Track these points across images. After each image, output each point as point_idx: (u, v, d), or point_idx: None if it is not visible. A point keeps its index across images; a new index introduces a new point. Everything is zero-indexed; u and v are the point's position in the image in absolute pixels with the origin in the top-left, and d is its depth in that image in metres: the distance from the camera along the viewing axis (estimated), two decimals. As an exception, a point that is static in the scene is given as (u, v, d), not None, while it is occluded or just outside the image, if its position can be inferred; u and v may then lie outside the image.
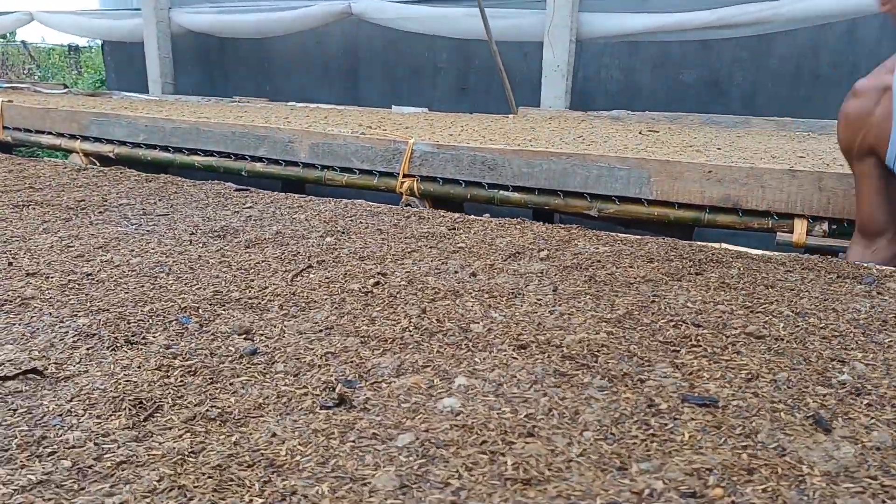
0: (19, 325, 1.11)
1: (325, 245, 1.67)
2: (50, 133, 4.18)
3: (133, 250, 1.58)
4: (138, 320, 1.13)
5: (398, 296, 1.29)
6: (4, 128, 4.38)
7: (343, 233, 1.81)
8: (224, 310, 1.20)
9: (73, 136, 4.07)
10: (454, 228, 1.88)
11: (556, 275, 1.45)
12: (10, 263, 1.44)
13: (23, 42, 13.74)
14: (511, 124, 4.15)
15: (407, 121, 4.24)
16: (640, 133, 3.86)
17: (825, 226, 2.30)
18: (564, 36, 4.75)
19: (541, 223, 1.99)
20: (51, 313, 1.16)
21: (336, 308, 1.21)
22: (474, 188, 2.92)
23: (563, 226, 1.94)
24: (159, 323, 1.13)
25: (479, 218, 2.04)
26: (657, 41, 5.17)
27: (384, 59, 6.53)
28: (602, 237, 1.83)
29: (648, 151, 2.86)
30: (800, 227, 2.31)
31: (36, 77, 12.56)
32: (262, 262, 1.51)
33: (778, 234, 2.36)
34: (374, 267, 1.48)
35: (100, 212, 1.98)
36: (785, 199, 2.34)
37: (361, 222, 1.95)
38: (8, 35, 13.14)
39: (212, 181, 2.57)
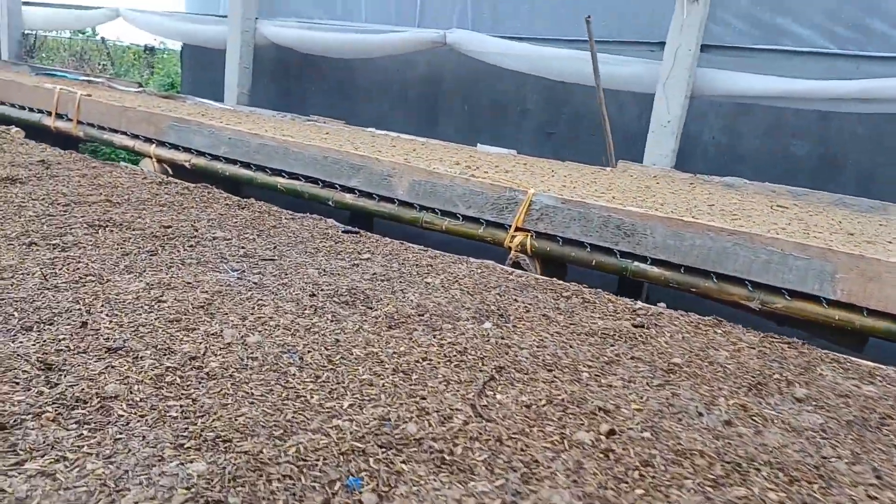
0: (95, 452, 0.69)
1: (491, 337, 1.23)
2: (125, 133, 3.87)
3: (245, 318, 1.15)
4: (282, 476, 0.70)
5: (655, 464, 0.83)
6: (79, 122, 4.10)
7: (501, 316, 1.37)
8: (405, 461, 0.76)
9: (148, 140, 3.75)
10: (640, 325, 1.42)
11: (846, 437, 0.98)
12: (85, 324, 1.03)
13: (102, 38, 13.88)
14: (619, 180, 3.71)
15: (499, 162, 3.83)
16: (772, 208, 3.39)
17: None
18: (680, 90, 4.31)
19: (744, 328, 1.52)
20: (144, 436, 0.74)
21: (576, 484, 0.76)
22: (602, 254, 2.46)
23: (780, 337, 1.48)
24: (316, 486, 0.69)
25: (661, 310, 1.58)
26: (770, 107, 4.71)
27: (468, 94, 6.19)
28: (846, 364, 1.36)
29: (812, 237, 2.38)
30: None
31: (110, 73, 12.64)
32: (423, 360, 1.07)
33: None
34: (577, 388, 1.03)
35: (191, 245, 1.58)
36: None
37: (515, 300, 1.50)
38: (90, 30, 13.29)
39: (312, 216, 2.17)
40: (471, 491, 0.70)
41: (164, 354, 0.96)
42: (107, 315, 1.08)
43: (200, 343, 1.01)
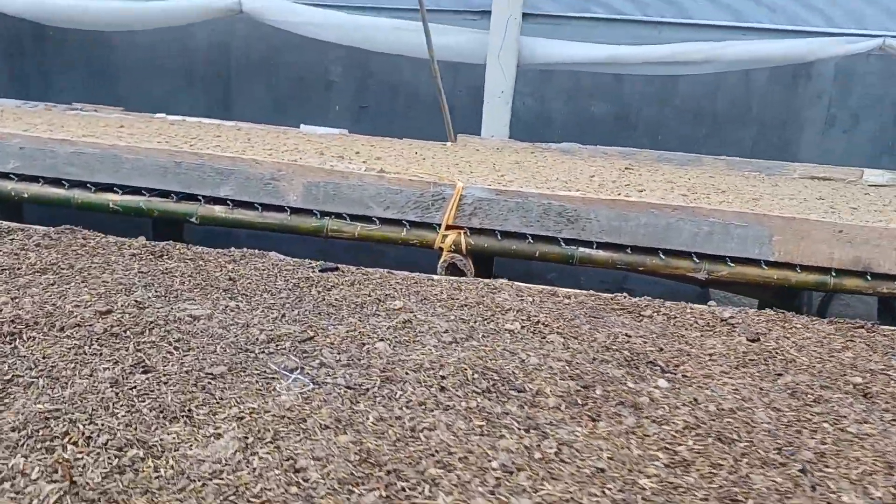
0: None
1: (681, 395, 0.98)
2: None
3: (420, 462, 0.74)
4: None
5: None
6: None
7: (651, 363, 1.12)
8: None
9: None
10: (754, 340, 1.29)
11: None
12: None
13: None
14: (464, 154, 3.58)
15: (329, 143, 3.43)
16: (625, 169, 3.56)
17: None
18: (513, 59, 4.29)
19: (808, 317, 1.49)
20: None
21: None
22: (546, 244, 2.31)
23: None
24: None
25: (736, 311, 1.47)
26: (568, 71, 4.97)
27: (266, 68, 5.50)
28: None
29: (689, 198, 2.50)
30: None
31: None
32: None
33: None
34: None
35: (184, 342, 1.02)
36: (921, 263, 2.14)
37: (616, 333, 1.26)
38: None
39: (249, 251, 1.64)
40: None
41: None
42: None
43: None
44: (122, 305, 1.08)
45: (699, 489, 0.71)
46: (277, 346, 1.03)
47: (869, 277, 2.16)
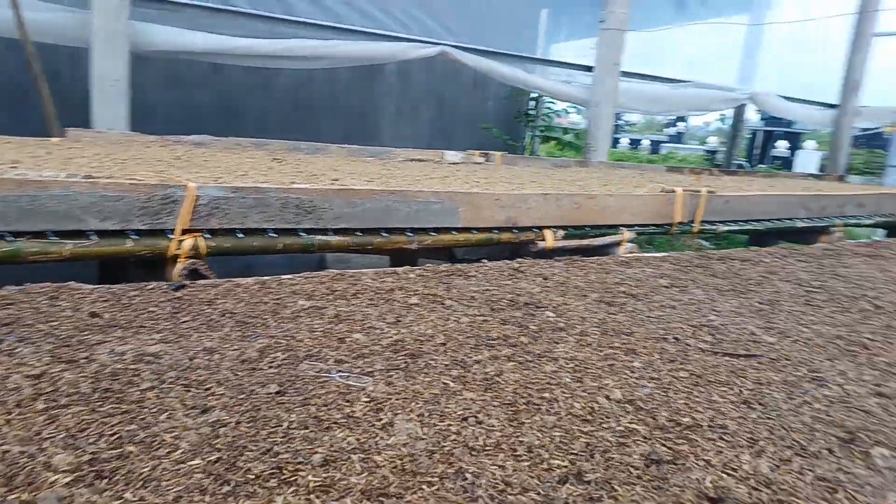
0: None
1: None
2: None
3: None
4: None
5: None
6: None
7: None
8: None
9: None
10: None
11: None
12: None
13: None
14: (90, 150, 3.18)
15: None
16: (273, 160, 3.74)
17: (560, 233, 3.10)
18: (124, 44, 3.81)
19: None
20: None
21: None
22: (288, 237, 2.35)
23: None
24: None
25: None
26: (167, 60, 4.78)
27: None
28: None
29: (382, 182, 2.96)
30: (550, 235, 3.04)
31: None
32: None
33: (538, 242, 3.02)
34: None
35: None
36: (539, 216, 3.01)
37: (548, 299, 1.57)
38: None
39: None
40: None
41: None
42: None
43: None
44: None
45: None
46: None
47: (515, 231, 2.96)
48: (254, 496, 0.70)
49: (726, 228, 3.54)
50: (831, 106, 8.18)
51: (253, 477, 0.73)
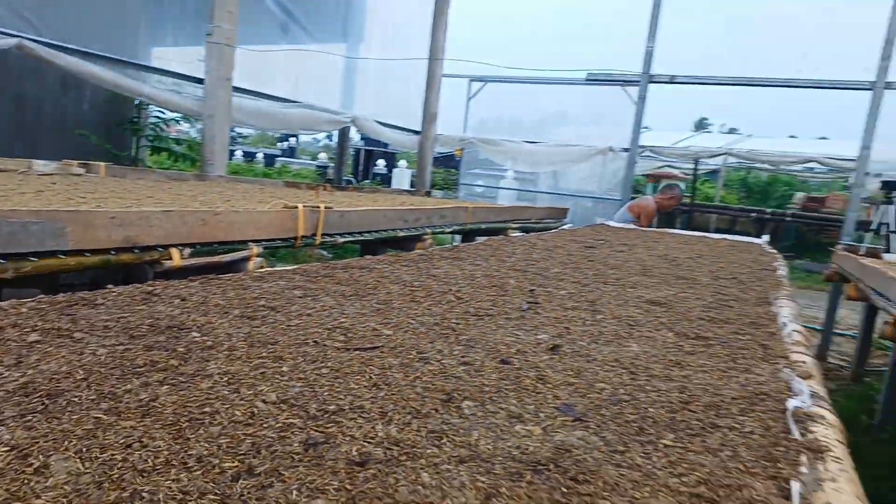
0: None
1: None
2: None
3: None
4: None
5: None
6: None
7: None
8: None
9: None
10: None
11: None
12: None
13: None
14: None
15: None
16: None
17: (188, 251, 3.00)
18: None
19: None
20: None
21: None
22: None
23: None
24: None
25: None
26: None
27: None
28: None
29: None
30: (176, 254, 2.92)
31: None
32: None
33: (164, 261, 2.87)
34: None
35: None
36: (164, 234, 2.88)
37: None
38: None
39: None
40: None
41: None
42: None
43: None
44: None
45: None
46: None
47: (137, 251, 2.80)
48: None
49: (343, 240, 3.97)
50: (416, 132, 9.69)
51: None
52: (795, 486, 1.04)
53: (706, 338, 2.01)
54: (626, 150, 9.77)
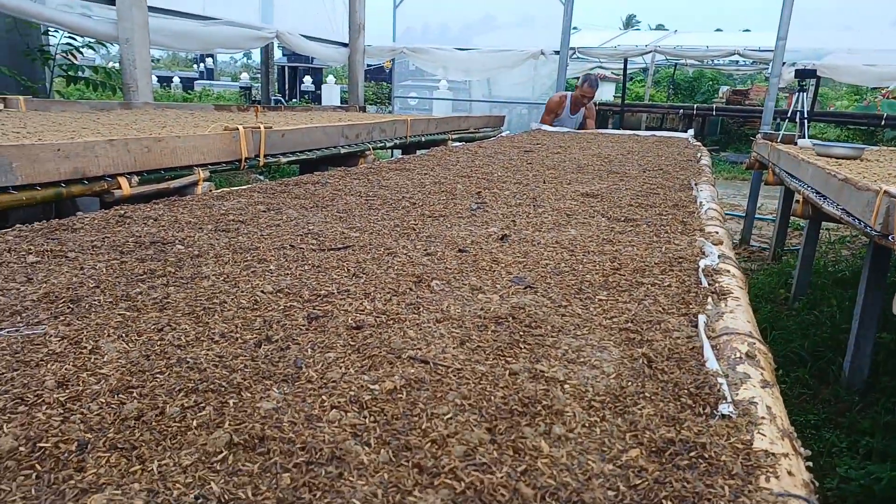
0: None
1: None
2: None
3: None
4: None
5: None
6: None
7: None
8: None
9: None
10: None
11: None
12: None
13: None
14: None
15: None
16: None
17: (135, 179, 3.05)
18: None
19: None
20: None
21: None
22: None
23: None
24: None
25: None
26: None
27: None
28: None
29: None
30: (125, 182, 2.97)
31: None
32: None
33: (113, 191, 2.92)
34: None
35: None
36: (111, 163, 2.92)
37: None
38: None
39: None
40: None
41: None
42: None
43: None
44: None
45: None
46: None
47: (86, 182, 2.85)
48: None
49: (286, 160, 4.06)
50: (344, 45, 9.48)
51: None
52: (702, 318, 1.34)
53: (634, 220, 2.30)
54: (556, 52, 9.87)
